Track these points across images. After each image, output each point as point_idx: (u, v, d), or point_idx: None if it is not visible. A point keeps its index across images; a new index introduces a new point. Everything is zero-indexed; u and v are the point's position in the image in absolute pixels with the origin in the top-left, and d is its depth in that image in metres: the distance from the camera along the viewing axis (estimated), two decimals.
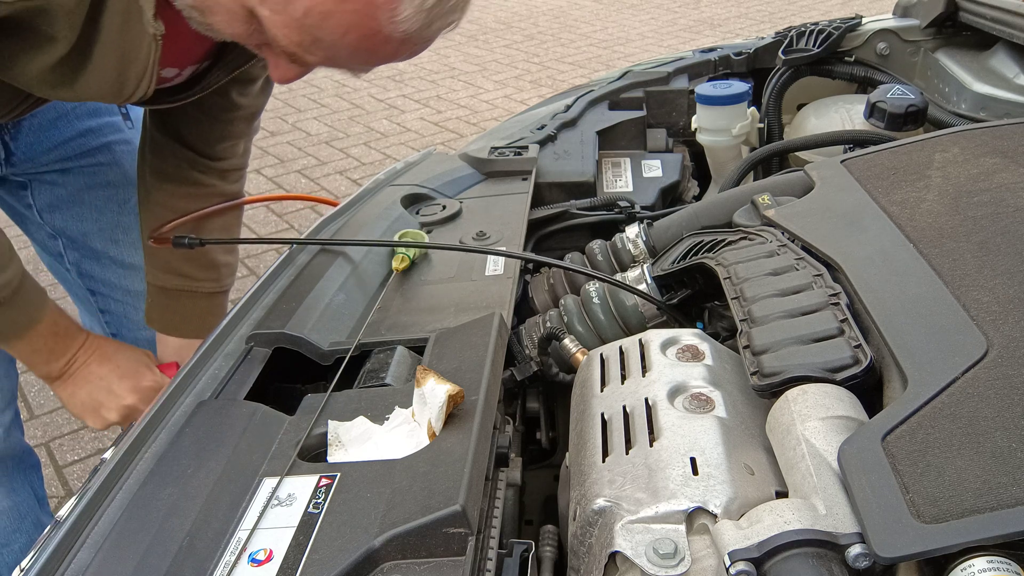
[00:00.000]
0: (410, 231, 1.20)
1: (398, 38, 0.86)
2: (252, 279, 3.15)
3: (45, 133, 1.42)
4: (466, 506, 0.64)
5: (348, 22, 0.84)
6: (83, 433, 2.53)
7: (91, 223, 1.54)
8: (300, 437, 0.78)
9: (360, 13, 0.83)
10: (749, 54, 1.86)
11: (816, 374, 0.72)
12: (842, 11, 6.51)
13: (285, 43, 0.88)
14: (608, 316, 1.06)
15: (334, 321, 1.01)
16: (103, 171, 1.51)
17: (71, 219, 1.53)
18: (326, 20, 0.84)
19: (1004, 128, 1.07)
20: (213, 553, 0.65)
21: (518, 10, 7.56)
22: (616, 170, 1.54)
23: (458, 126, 4.77)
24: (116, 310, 1.63)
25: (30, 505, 1.47)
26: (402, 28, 0.85)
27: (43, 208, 1.52)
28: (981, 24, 1.55)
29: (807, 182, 1.09)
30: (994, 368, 0.66)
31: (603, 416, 0.78)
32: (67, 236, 1.55)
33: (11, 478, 1.45)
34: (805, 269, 0.87)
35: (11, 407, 1.44)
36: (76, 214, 1.53)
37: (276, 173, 4.23)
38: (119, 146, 1.51)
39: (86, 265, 1.58)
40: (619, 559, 0.64)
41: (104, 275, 1.59)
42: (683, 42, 6.12)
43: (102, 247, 1.56)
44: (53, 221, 1.53)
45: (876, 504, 0.57)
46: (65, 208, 1.52)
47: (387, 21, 0.84)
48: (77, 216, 1.53)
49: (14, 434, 1.45)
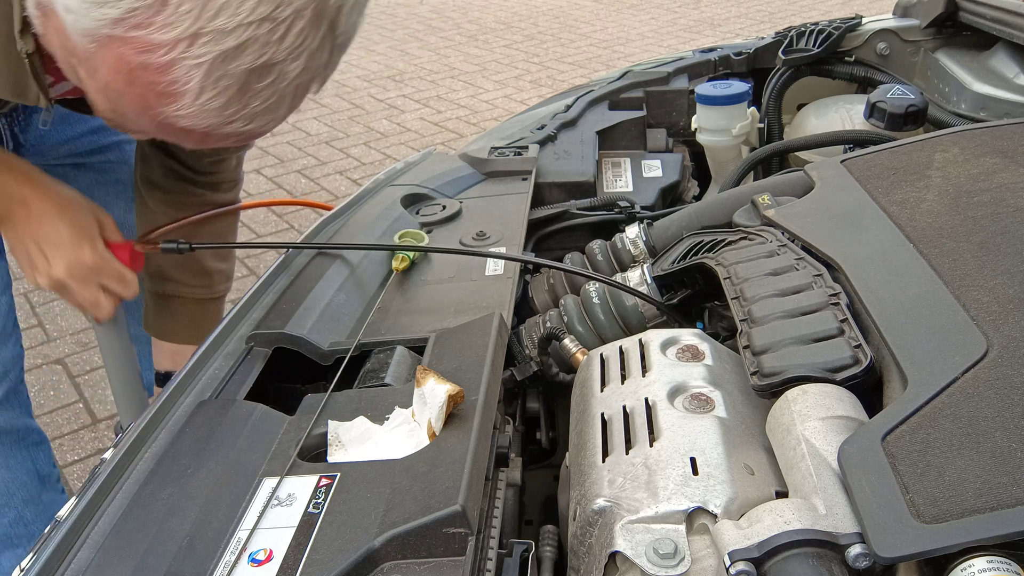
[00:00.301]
0: (410, 231, 1.20)
1: (199, 131, 0.78)
2: (252, 279, 3.15)
3: (56, 128, 1.42)
4: (466, 506, 0.64)
5: (138, 105, 0.77)
6: (83, 433, 2.53)
7: None
8: (300, 437, 0.78)
9: (144, 99, 0.76)
10: (749, 54, 1.86)
11: (816, 374, 0.72)
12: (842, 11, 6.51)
13: (101, 109, 0.82)
14: (608, 316, 1.06)
15: (334, 321, 1.01)
16: (113, 169, 1.51)
17: None
18: (121, 98, 0.78)
19: (1004, 128, 1.07)
20: (213, 553, 0.65)
21: (518, 10, 7.56)
22: (616, 170, 1.54)
23: (458, 126, 4.77)
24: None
25: (23, 481, 1.46)
26: (188, 123, 0.77)
27: None
28: (981, 24, 1.55)
29: (807, 182, 1.09)
30: (994, 368, 0.66)
31: (603, 416, 0.78)
32: None
33: (6, 453, 1.43)
34: (805, 269, 0.87)
35: (3, 382, 1.41)
36: None
37: (276, 173, 4.23)
38: (129, 145, 1.52)
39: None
40: (619, 559, 0.64)
41: None
42: (683, 42, 6.12)
43: None
44: None
45: (876, 504, 0.57)
46: None
47: (171, 114, 0.76)
48: None
49: (11, 410, 1.43)
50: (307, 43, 0.73)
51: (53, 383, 2.74)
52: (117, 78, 0.76)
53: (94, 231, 1.17)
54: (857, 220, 0.93)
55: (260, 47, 0.71)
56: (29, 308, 3.10)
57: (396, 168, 1.52)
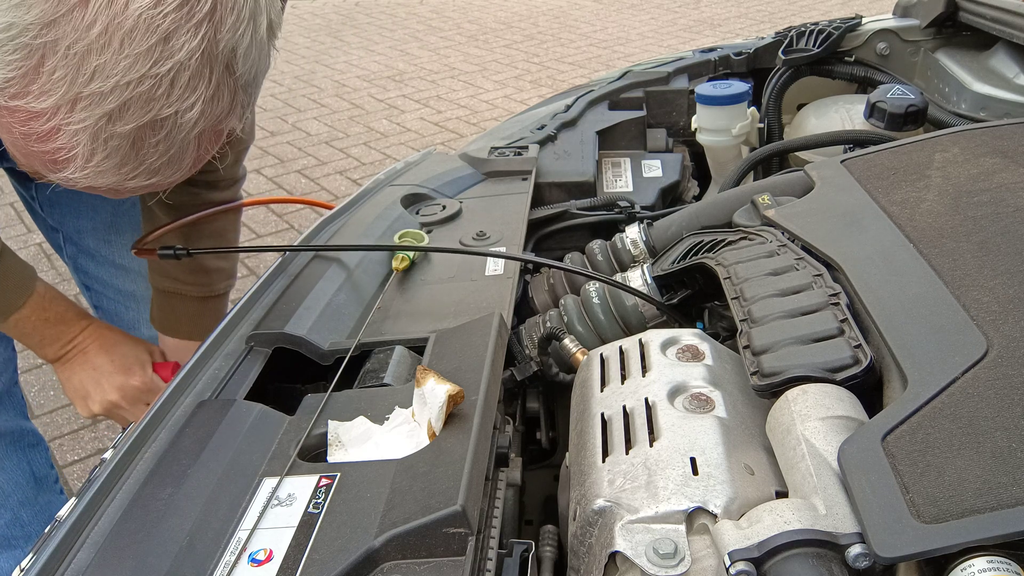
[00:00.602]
0: (410, 231, 1.20)
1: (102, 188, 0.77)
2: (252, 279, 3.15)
3: None
4: (466, 506, 0.64)
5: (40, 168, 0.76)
6: (83, 433, 2.53)
7: (87, 221, 1.56)
8: (300, 437, 0.78)
9: (41, 163, 0.75)
10: (749, 54, 1.86)
11: (816, 374, 0.72)
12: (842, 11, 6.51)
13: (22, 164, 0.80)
14: (608, 316, 1.06)
15: (334, 321, 1.01)
16: None
17: (68, 215, 1.55)
18: (25, 159, 0.77)
19: (1004, 128, 1.07)
20: (213, 553, 0.65)
21: (518, 10, 7.56)
22: (616, 170, 1.54)
23: (458, 126, 4.77)
24: (109, 307, 1.65)
25: (18, 483, 1.47)
26: (87, 184, 0.75)
27: (43, 202, 1.54)
28: (981, 24, 1.55)
29: (807, 182, 1.09)
30: (994, 368, 0.66)
31: (603, 416, 0.78)
32: (65, 231, 1.58)
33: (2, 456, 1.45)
34: (805, 269, 0.87)
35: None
36: (73, 211, 1.55)
37: (276, 173, 4.23)
38: None
39: (81, 260, 1.60)
40: (619, 559, 0.64)
41: (98, 272, 1.60)
42: (683, 42, 6.12)
43: (95, 246, 1.58)
44: (52, 215, 1.56)
45: (876, 504, 0.57)
46: (63, 204, 1.53)
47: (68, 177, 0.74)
48: (74, 213, 1.55)
49: (6, 412, 1.44)
50: (199, 92, 0.71)
51: (53, 383, 2.74)
52: (9, 140, 0.75)
53: (144, 358, 1.29)
54: (857, 220, 0.93)
55: (144, 104, 0.69)
56: None
57: (396, 168, 1.52)
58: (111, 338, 1.27)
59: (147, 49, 0.66)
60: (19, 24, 0.64)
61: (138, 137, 0.71)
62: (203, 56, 0.69)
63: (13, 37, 0.65)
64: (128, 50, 0.66)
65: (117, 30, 0.65)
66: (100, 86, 0.67)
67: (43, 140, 0.71)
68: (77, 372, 1.26)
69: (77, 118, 0.68)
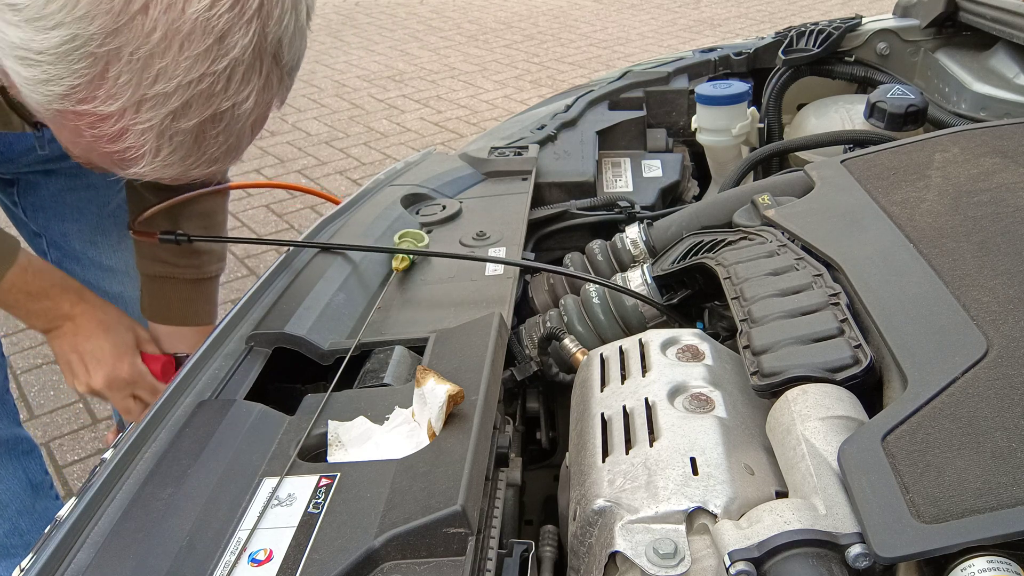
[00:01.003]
0: (410, 231, 1.20)
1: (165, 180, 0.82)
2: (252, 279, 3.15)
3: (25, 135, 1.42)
4: (466, 506, 0.64)
5: (105, 164, 0.81)
6: (83, 433, 2.53)
7: (71, 224, 1.55)
8: (300, 437, 0.78)
9: (108, 162, 0.80)
10: (749, 54, 1.86)
11: (816, 374, 0.72)
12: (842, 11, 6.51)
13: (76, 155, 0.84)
14: (608, 316, 1.06)
15: (334, 321, 1.01)
16: (84, 174, 1.52)
17: (52, 219, 1.55)
18: (88, 156, 0.81)
19: (1004, 128, 1.07)
20: (213, 553, 0.65)
21: (518, 10, 7.56)
22: (616, 170, 1.54)
23: (458, 126, 4.77)
24: None
25: (15, 492, 1.46)
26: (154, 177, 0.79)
27: (27, 207, 1.53)
28: (981, 24, 1.55)
29: (807, 182, 1.09)
30: (994, 368, 0.66)
31: (603, 416, 0.78)
32: (49, 235, 1.57)
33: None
34: (805, 269, 0.87)
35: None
36: (57, 215, 1.54)
37: (276, 173, 4.23)
38: None
39: (67, 264, 1.59)
40: (619, 559, 0.64)
41: (84, 275, 1.59)
42: (683, 42, 6.12)
43: (81, 248, 1.57)
44: (36, 219, 1.55)
45: (876, 504, 0.57)
46: (47, 208, 1.53)
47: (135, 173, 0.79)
48: (58, 217, 1.54)
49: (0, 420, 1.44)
50: (253, 83, 0.75)
51: (53, 383, 2.74)
52: (79, 142, 0.79)
53: (133, 346, 1.27)
54: (857, 220, 0.93)
55: (205, 100, 0.73)
56: None
57: (396, 168, 1.52)
58: (104, 321, 1.25)
59: (205, 49, 0.70)
60: (83, 35, 0.68)
61: (200, 131, 0.75)
62: (255, 50, 0.72)
63: (78, 47, 0.68)
64: (188, 52, 0.69)
65: (176, 34, 0.69)
66: (163, 87, 0.70)
67: (113, 141, 0.75)
68: (67, 350, 1.24)
69: (143, 118, 0.72)
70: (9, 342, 2.93)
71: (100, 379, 1.25)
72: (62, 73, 0.70)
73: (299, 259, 1.16)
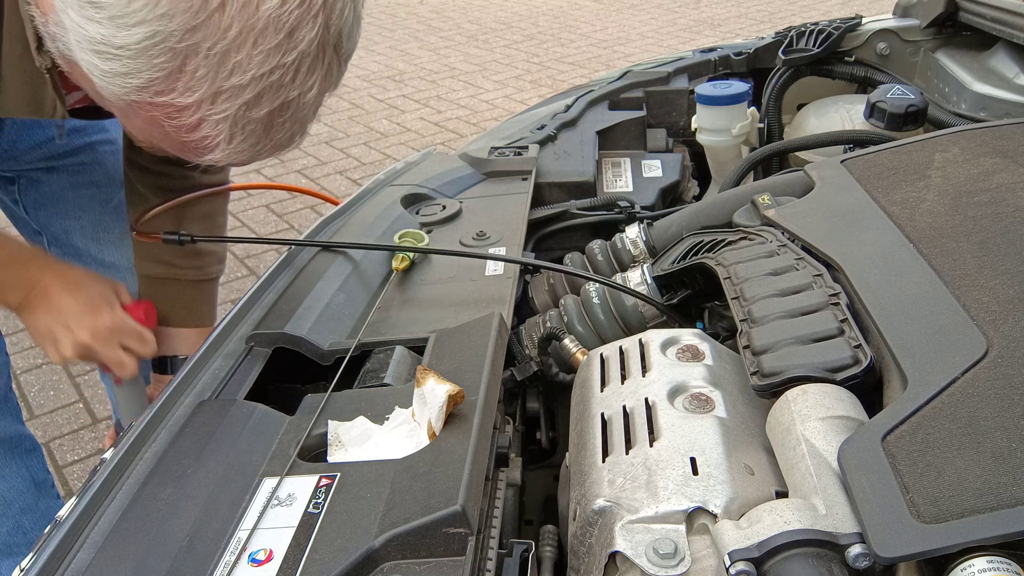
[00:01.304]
0: (410, 231, 1.20)
1: (236, 164, 0.87)
2: (252, 279, 3.15)
3: (28, 131, 1.43)
4: (466, 506, 0.64)
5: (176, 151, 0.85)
6: (83, 433, 2.53)
7: (73, 221, 1.55)
8: (300, 437, 0.78)
9: (181, 150, 0.84)
10: (749, 54, 1.86)
11: (816, 374, 0.72)
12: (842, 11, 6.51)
13: (140, 140, 0.87)
14: (608, 316, 1.06)
15: (334, 321, 1.01)
16: (86, 170, 1.52)
17: (54, 216, 1.54)
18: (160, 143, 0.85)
19: (1004, 128, 1.07)
20: (213, 553, 0.65)
21: (518, 10, 7.56)
22: (616, 170, 1.54)
23: (458, 126, 4.77)
24: None
25: (19, 490, 1.47)
26: (226, 163, 0.84)
27: (28, 204, 1.53)
28: (981, 24, 1.55)
29: (807, 182, 1.09)
30: (994, 368, 0.66)
31: (603, 416, 0.78)
32: (51, 233, 1.56)
33: (1, 463, 1.44)
34: (805, 269, 0.87)
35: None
36: (59, 211, 1.54)
37: (276, 173, 4.23)
38: (103, 146, 1.52)
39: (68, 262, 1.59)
40: (619, 559, 0.64)
41: None
42: (683, 42, 6.12)
43: (83, 245, 1.57)
44: (38, 217, 1.55)
45: (876, 504, 0.57)
46: (49, 205, 1.53)
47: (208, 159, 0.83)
48: (60, 214, 1.54)
49: (2, 419, 1.44)
50: (317, 72, 0.79)
51: (53, 383, 2.74)
52: (152, 131, 0.83)
53: (110, 296, 1.24)
54: (857, 220, 0.93)
55: (275, 91, 0.77)
56: None
57: (396, 168, 1.52)
58: (73, 277, 1.22)
59: (276, 44, 0.74)
60: (163, 31, 0.71)
61: (269, 120, 0.79)
62: (319, 43, 0.77)
63: (158, 43, 0.72)
64: (261, 46, 0.73)
65: (251, 30, 0.72)
66: (238, 80, 0.74)
67: (190, 131, 0.79)
68: (42, 317, 1.20)
69: (219, 109, 0.76)
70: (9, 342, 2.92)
71: (84, 332, 1.21)
72: (141, 67, 0.73)
73: (299, 259, 1.16)
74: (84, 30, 0.74)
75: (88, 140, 1.50)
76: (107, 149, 1.52)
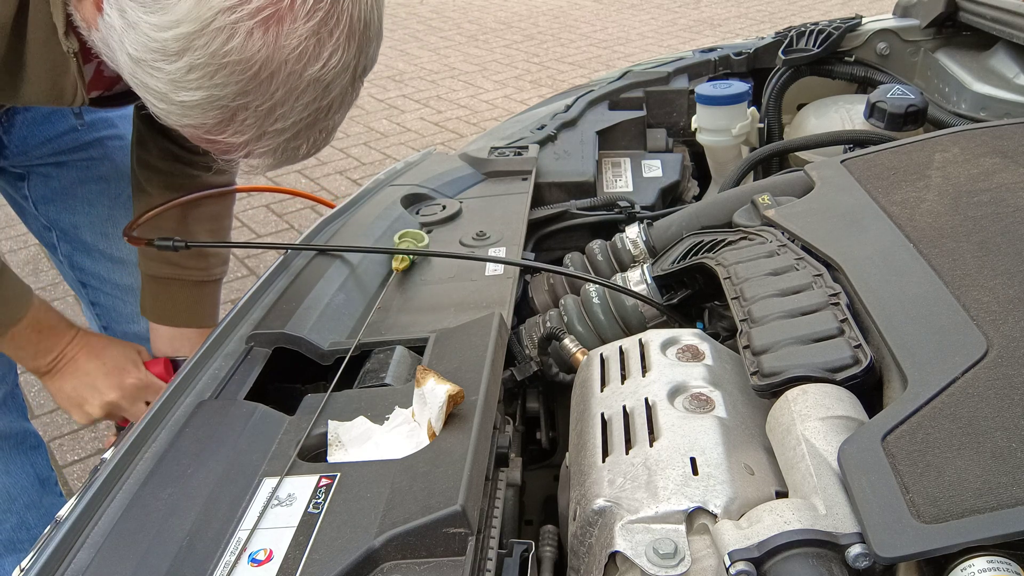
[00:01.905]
0: (410, 231, 1.20)
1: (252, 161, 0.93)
2: (252, 279, 3.15)
3: (39, 127, 1.43)
4: (466, 506, 0.64)
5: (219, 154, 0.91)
6: (83, 433, 2.52)
7: (83, 216, 1.55)
8: (300, 437, 0.78)
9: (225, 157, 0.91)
10: (749, 54, 1.86)
11: (816, 374, 0.72)
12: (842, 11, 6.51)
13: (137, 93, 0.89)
14: (608, 316, 1.06)
15: (334, 321, 1.01)
16: (96, 165, 1.52)
17: (64, 212, 1.55)
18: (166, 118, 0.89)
19: (1004, 128, 1.07)
20: (213, 553, 0.65)
21: (518, 10, 7.56)
22: (616, 170, 1.54)
23: (458, 126, 4.77)
24: (106, 303, 1.64)
25: (24, 487, 1.47)
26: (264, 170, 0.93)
27: (38, 200, 1.54)
28: (981, 24, 1.55)
29: (807, 182, 1.09)
30: (994, 368, 0.66)
31: (603, 416, 0.78)
32: (60, 228, 1.57)
33: (6, 459, 1.45)
34: (805, 269, 0.87)
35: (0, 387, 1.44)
36: (68, 207, 1.54)
37: (276, 173, 4.22)
38: (112, 141, 1.52)
39: (77, 258, 1.59)
40: (619, 559, 0.64)
41: (95, 268, 1.60)
42: (683, 42, 6.12)
43: (92, 240, 1.57)
44: (47, 213, 1.55)
45: (876, 504, 0.57)
46: (58, 201, 1.53)
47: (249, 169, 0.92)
48: (69, 209, 1.55)
49: (8, 415, 1.45)
50: (347, 103, 0.88)
51: None
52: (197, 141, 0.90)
53: (134, 356, 1.31)
54: (857, 220, 0.93)
55: (311, 126, 0.86)
56: None
57: (396, 168, 1.52)
58: (98, 344, 1.28)
59: (315, 97, 0.83)
60: (218, 96, 0.80)
61: (305, 143, 0.89)
62: (351, 83, 0.86)
63: (213, 103, 0.81)
64: (302, 100, 0.82)
65: (294, 90, 0.81)
66: (281, 125, 0.84)
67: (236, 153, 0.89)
68: (68, 380, 1.26)
69: (263, 144, 0.86)
70: None
71: (112, 392, 1.26)
72: (196, 117, 0.83)
73: (299, 259, 1.16)
74: (145, 82, 0.82)
75: (97, 135, 1.51)
76: (116, 144, 1.52)
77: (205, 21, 0.76)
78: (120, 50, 0.82)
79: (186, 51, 0.77)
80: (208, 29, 0.76)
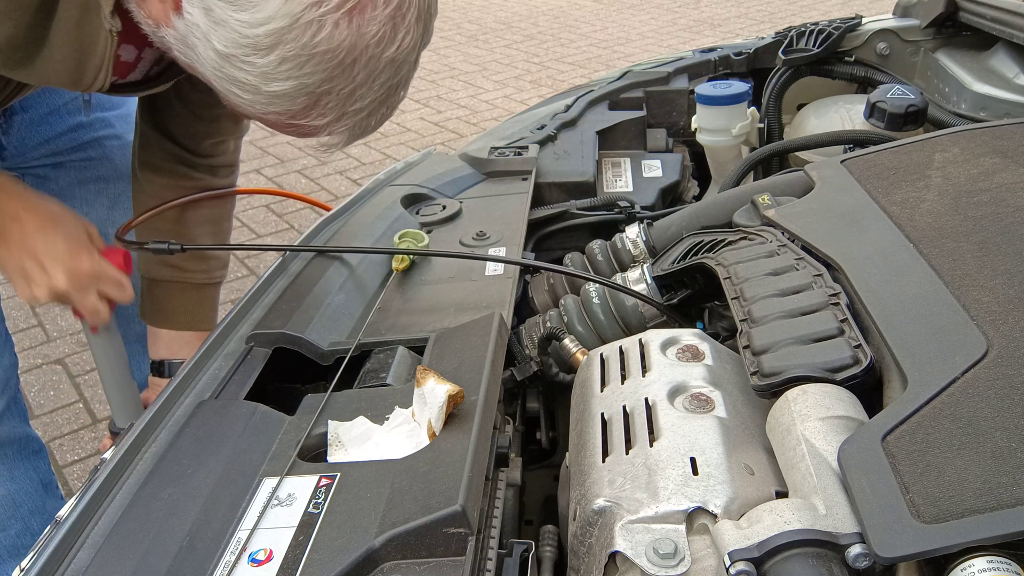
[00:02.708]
0: (410, 231, 1.20)
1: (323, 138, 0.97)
2: (252, 279, 3.15)
3: (37, 128, 1.43)
4: (466, 506, 0.64)
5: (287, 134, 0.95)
6: (83, 433, 2.53)
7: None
8: (300, 437, 0.78)
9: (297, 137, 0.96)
10: (749, 54, 1.86)
11: (816, 374, 0.72)
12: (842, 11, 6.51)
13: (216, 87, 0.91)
14: (608, 316, 1.06)
15: (334, 321, 1.01)
16: (94, 166, 1.52)
17: None
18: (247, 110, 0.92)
19: (1004, 128, 1.07)
20: (213, 553, 0.65)
21: (518, 10, 7.56)
22: (616, 170, 1.54)
23: (458, 126, 4.77)
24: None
25: (28, 492, 1.46)
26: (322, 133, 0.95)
27: None
28: (981, 24, 1.55)
29: (807, 182, 1.09)
30: (994, 368, 0.66)
31: (603, 416, 0.78)
32: None
33: (10, 465, 1.44)
34: (805, 269, 0.87)
35: (4, 393, 1.41)
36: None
37: (276, 173, 4.23)
38: (110, 141, 1.52)
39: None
40: (619, 559, 0.64)
41: None
42: (683, 42, 6.12)
43: None
44: None
45: (876, 504, 0.57)
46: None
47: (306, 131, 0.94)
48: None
49: (11, 420, 1.43)
50: (412, 72, 0.93)
51: (53, 383, 2.75)
52: (267, 125, 0.94)
53: (87, 239, 1.18)
54: (857, 220, 0.93)
55: (383, 103, 0.92)
56: (29, 308, 3.10)
57: (396, 168, 1.52)
58: (48, 213, 1.16)
59: (388, 77, 0.88)
60: (306, 84, 0.85)
61: (375, 118, 0.94)
62: (416, 59, 0.92)
63: (300, 92, 0.86)
64: (379, 81, 0.88)
65: (373, 72, 0.86)
66: (359, 105, 0.89)
67: (316, 134, 0.93)
68: (15, 252, 1.14)
69: (343, 124, 0.91)
70: None
71: (61, 276, 1.14)
72: (283, 105, 0.87)
73: (299, 259, 1.16)
74: (234, 75, 0.86)
75: (96, 135, 1.50)
76: (114, 144, 1.52)
77: (295, 16, 0.80)
78: (205, 46, 0.85)
79: (278, 45, 0.81)
80: (298, 24, 0.80)
